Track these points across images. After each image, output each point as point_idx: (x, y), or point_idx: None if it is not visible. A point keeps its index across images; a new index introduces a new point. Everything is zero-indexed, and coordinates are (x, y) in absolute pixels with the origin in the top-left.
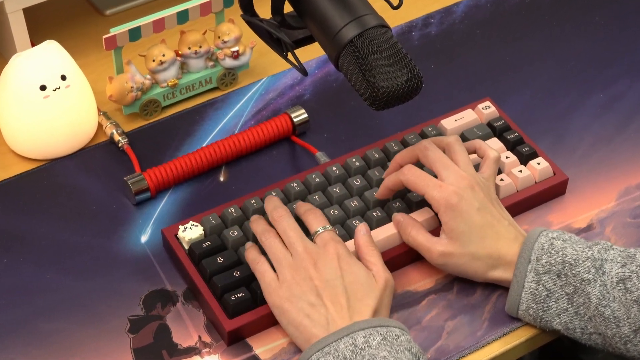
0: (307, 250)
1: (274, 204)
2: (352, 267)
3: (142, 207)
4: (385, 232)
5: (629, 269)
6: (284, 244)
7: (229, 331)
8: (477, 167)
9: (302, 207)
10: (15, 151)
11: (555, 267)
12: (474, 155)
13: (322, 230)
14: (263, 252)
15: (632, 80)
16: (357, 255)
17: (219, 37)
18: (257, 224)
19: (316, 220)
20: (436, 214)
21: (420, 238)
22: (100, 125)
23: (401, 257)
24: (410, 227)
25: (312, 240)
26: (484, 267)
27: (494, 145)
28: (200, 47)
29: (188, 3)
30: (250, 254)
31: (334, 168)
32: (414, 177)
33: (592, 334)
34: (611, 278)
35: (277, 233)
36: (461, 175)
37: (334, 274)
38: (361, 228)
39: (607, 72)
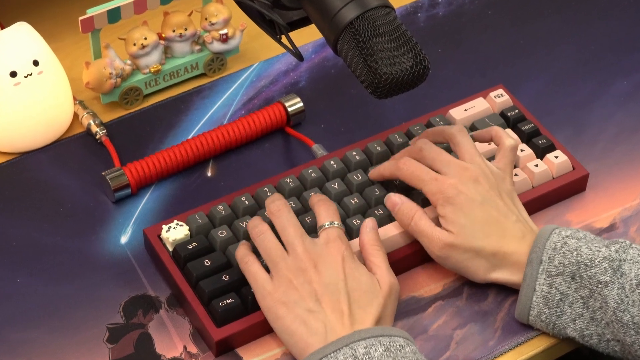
0: (307, 250)
1: (273, 197)
2: (356, 271)
3: (122, 205)
4: (388, 233)
5: None
6: (279, 241)
7: (217, 341)
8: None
9: (315, 197)
10: None
11: (569, 268)
12: (487, 145)
13: (329, 225)
14: (255, 250)
15: None
16: (360, 255)
17: (206, 19)
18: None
19: (327, 213)
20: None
21: (423, 225)
22: (76, 116)
23: (406, 260)
24: (414, 212)
25: (314, 234)
26: (486, 266)
27: None
28: (186, 29)
29: None
30: (241, 251)
31: (332, 162)
32: (409, 172)
33: (610, 341)
34: (630, 280)
35: (271, 228)
36: (463, 167)
37: (336, 278)
38: (368, 223)
39: (632, 57)
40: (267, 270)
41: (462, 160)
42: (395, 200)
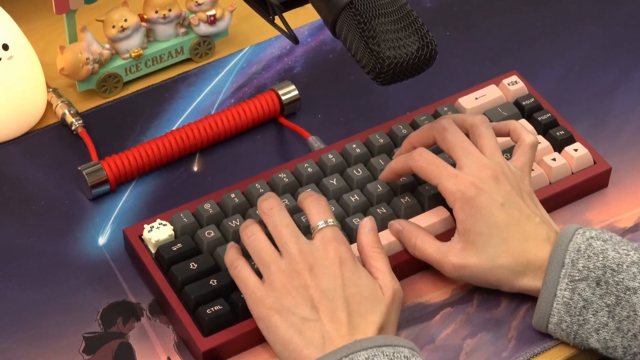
0: (302, 252)
1: (265, 195)
2: (356, 275)
3: (100, 202)
4: (391, 234)
5: None
6: (272, 242)
7: (204, 351)
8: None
9: (304, 194)
10: None
11: (595, 272)
12: (507, 139)
13: (324, 225)
14: (245, 254)
15: None
16: (360, 258)
17: None
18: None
19: (319, 212)
20: (451, 211)
21: (429, 249)
22: (49, 105)
23: (410, 263)
24: (415, 237)
25: (310, 235)
26: (508, 275)
27: None
28: (170, 10)
29: None
30: (230, 254)
31: (330, 156)
32: (425, 164)
33: (637, 354)
34: None
35: (263, 229)
36: (484, 164)
37: (334, 283)
38: (366, 223)
39: None
40: (260, 275)
41: (483, 155)
42: (397, 227)
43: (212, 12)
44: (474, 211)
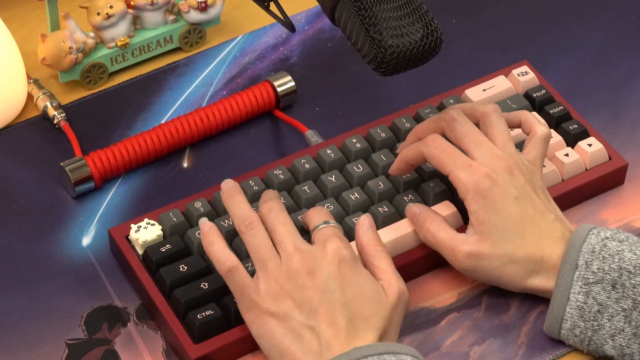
0: (299, 251)
1: (268, 196)
2: (357, 276)
3: (84, 200)
4: (394, 233)
5: None
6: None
7: (195, 359)
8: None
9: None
10: None
11: (610, 275)
12: (518, 131)
13: (323, 225)
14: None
15: None
16: (360, 258)
17: None
18: (236, 207)
19: (319, 216)
20: (460, 206)
21: (442, 235)
22: (30, 97)
23: (414, 265)
24: (430, 222)
25: (310, 238)
26: (522, 272)
27: None
28: None
29: None
30: (220, 253)
31: (329, 151)
32: (438, 151)
33: None
34: None
35: (264, 224)
36: (497, 155)
37: (333, 285)
38: (364, 221)
39: None
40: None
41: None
42: (414, 210)
43: None
44: (487, 203)
